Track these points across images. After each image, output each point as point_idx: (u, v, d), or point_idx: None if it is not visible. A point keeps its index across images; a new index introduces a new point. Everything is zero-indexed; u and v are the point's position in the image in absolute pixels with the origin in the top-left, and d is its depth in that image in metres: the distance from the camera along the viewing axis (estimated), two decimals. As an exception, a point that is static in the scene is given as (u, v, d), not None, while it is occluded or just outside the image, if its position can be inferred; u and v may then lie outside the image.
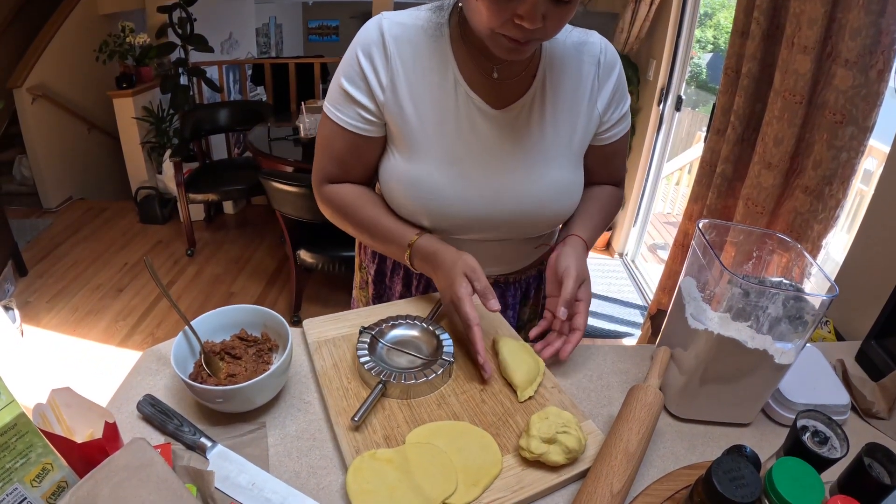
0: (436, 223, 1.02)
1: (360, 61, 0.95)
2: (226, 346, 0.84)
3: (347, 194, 1.05)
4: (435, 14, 0.97)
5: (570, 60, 1.00)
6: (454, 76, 0.96)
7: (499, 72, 0.96)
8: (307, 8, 9.04)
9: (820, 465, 0.65)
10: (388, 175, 1.01)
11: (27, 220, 4.29)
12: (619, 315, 3.42)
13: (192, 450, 0.72)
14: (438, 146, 0.97)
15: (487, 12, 0.79)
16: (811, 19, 1.80)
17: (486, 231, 1.04)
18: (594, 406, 0.89)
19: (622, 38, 3.51)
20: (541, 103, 0.99)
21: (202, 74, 4.40)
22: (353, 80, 0.96)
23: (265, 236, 4.20)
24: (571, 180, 1.04)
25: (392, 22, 0.95)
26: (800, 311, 0.79)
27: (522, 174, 0.99)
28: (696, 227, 0.86)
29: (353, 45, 0.96)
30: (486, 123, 0.97)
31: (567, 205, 1.05)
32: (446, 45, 0.96)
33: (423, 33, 0.96)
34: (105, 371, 2.79)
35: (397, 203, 1.03)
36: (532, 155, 1.00)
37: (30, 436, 0.57)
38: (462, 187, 0.98)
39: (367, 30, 0.96)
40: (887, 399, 0.96)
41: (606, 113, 1.04)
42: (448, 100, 0.96)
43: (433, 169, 0.97)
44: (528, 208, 1.02)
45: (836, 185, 1.86)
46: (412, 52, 0.95)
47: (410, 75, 0.95)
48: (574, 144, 1.03)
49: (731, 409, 0.87)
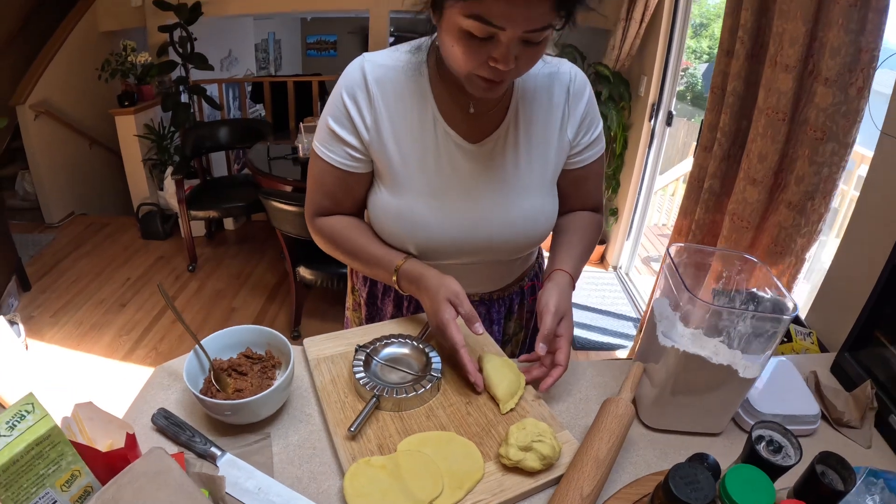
0: (421, 250, 1.08)
1: (345, 103, 1.01)
2: (233, 364, 0.91)
3: (337, 225, 1.11)
4: (414, 54, 1.02)
5: (540, 92, 1.06)
6: (433, 114, 1.01)
7: (475, 107, 1.02)
8: (305, 23, 9.08)
9: (774, 472, 0.71)
10: (376, 208, 1.08)
11: (30, 234, 4.34)
12: (612, 328, 3.47)
13: (203, 458, 0.79)
14: (420, 181, 1.03)
15: (463, 56, 0.84)
16: (792, 38, 1.85)
17: (469, 255, 1.10)
18: (572, 417, 0.95)
19: (614, 56, 3.56)
20: (514, 135, 1.05)
21: (202, 92, 4.47)
22: (340, 121, 1.02)
23: (265, 252, 4.26)
24: (545, 206, 1.10)
25: (374, 64, 1.00)
26: (764, 329, 0.85)
27: (499, 203, 1.05)
28: (667, 251, 0.93)
29: (338, 86, 1.02)
30: (463, 157, 1.03)
31: (541, 229, 1.11)
32: (425, 83, 1.01)
33: (403, 74, 1.01)
34: (110, 385, 2.84)
35: (386, 233, 1.09)
36: (507, 184, 1.05)
37: (61, 445, 0.64)
38: (443, 217, 1.04)
39: (350, 72, 1.01)
40: (859, 409, 1.01)
41: (576, 138, 1.09)
42: (428, 137, 1.02)
43: (416, 202, 1.03)
44: (505, 234, 1.08)
45: (818, 200, 1.90)
46: (393, 92, 1.00)
47: (392, 115, 1.01)
48: (547, 172, 1.08)
49: (701, 419, 0.93)
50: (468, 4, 0.77)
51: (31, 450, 0.61)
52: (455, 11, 0.80)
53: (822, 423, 0.99)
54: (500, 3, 0.76)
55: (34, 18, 5.08)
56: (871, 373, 1.07)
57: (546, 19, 0.79)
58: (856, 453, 0.95)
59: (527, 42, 0.82)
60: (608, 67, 3.53)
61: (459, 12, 0.79)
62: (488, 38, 0.81)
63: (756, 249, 2.18)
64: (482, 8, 0.76)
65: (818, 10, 1.79)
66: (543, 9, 0.77)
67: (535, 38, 0.81)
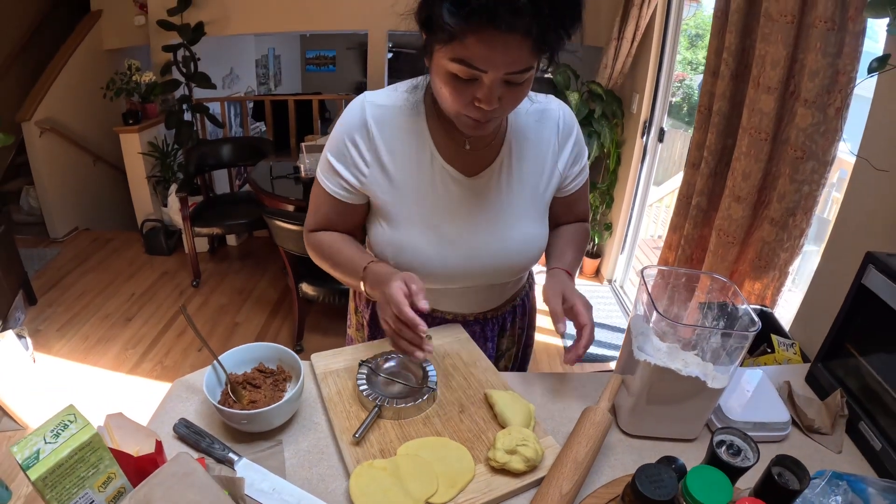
0: (421, 277, 1.14)
1: (345, 143, 1.08)
2: (247, 378, 0.99)
3: (326, 237, 1.17)
4: (411, 94, 1.09)
5: (532, 129, 1.13)
6: (430, 150, 1.08)
7: (470, 143, 1.08)
8: (305, 39, 9.17)
9: (734, 473, 0.79)
10: (376, 241, 1.15)
11: (34, 249, 4.39)
12: (608, 340, 3.52)
13: (221, 463, 0.88)
14: (418, 214, 1.10)
15: (451, 97, 0.91)
16: (774, 61, 1.92)
17: (466, 281, 1.17)
18: (556, 424, 1.03)
19: (606, 74, 3.63)
20: (508, 169, 1.12)
21: (205, 111, 4.54)
22: (339, 158, 1.09)
23: (267, 267, 4.31)
24: (536, 233, 1.17)
25: (373, 105, 1.07)
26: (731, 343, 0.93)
27: (493, 233, 1.12)
28: (641, 273, 1.02)
29: (340, 125, 1.09)
30: (459, 190, 1.10)
31: (533, 254, 1.18)
32: (423, 121, 1.08)
33: (401, 112, 1.07)
34: (119, 397, 2.89)
35: (385, 262, 1.15)
36: (501, 215, 1.12)
37: (100, 451, 0.72)
38: (441, 248, 1.10)
39: (351, 112, 1.08)
40: (830, 416, 1.07)
41: (567, 169, 1.18)
42: (425, 172, 1.08)
43: (414, 234, 1.10)
44: (499, 261, 1.15)
45: (799, 216, 1.97)
46: (392, 131, 1.07)
47: (391, 152, 1.07)
48: (538, 202, 1.16)
49: (675, 426, 1.01)
50: (452, 49, 0.84)
51: (75, 455, 0.69)
52: (442, 55, 0.87)
53: (795, 430, 1.06)
54: (481, 48, 0.82)
55: (39, 35, 5.17)
56: (843, 382, 1.13)
57: (526, 62, 0.85)
58: (826, 458, 1.01)
59: (509, 83, 0.88)
60: (601, 85, 3.62)
61: (445, 56, 0.86)
62: (472, 80, 0.87)
63: (741, 264, 2.25)
64: (465, 52, 0.83)
65: (798, 33, 1.87)
66: (522, 53, 0.83)
67: (516, 79, 0.88)
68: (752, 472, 0.79)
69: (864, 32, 1.70)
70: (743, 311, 0.97)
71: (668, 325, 0.96)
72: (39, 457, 0.68)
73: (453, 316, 1.27)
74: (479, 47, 0.82)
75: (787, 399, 1.12)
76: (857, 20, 1.69)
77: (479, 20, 0.79)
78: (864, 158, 1.56)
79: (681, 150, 5.39)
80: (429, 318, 1.28)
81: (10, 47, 4.99)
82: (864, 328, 1.13)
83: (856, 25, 1.70)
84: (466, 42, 0.82)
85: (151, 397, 2.86)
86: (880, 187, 1.52)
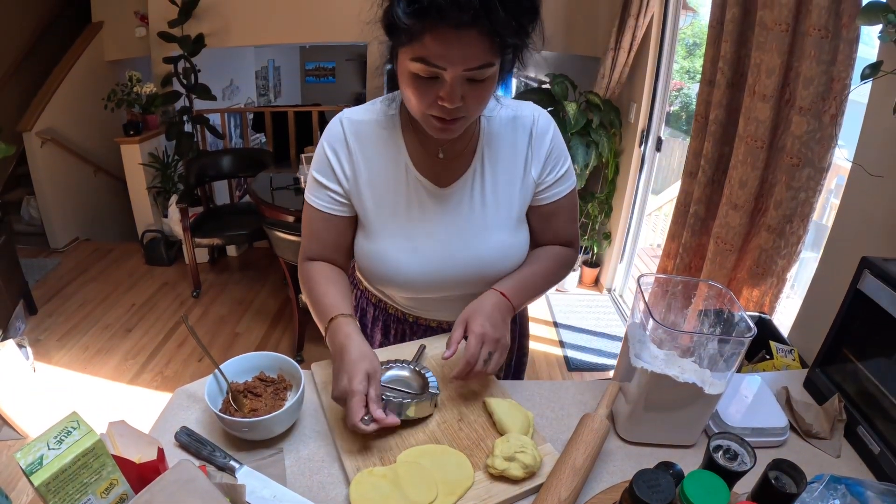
0: (400, 288, 1.17)
1: (327, 155, 1.10)
2: (248, 386, 1.00)
3: (316, 273, 1.15)
4: (388, 107, 1.11)
5: (504, 135, 1.13)
6: (405, 163, 1.10)
7: (444, 152, 1.09)
8: (304, 51, 9.23)
9: (731, 478, 0.80)
10: (358, 253, 1.17)
11: (35, 259, 4.40)
12: (607, 349, 3.51)
13: (223, 471, 0.88)
14: (394, 226, 1.12)
15: (415, 97, 0.92)
16: (769, 69, 1.94)
17: (444, 291, 1.18)
18: (555, 432, 1.04)
19: (604, 84, 3.64)
20: (481, 177, 1.12)
21: (206, 122, 4.55)
22: (323, 171, 1.11)
23: (267, 278, 4.32)
24: (511, 242, 1.16)
25: (350, 121, 1.10)
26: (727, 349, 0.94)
27: (467, 242, 1.13)
28: (637, 281, 1.03)
29: (322, 141, 1.12)
30: (432, 201, 1.11)
31: (511, 262, 1.17)
32: (398, 134, 1.10)
33: (378, 126, 1.10)
34: (120, 407, 2.89)
35: (367, 274, 1.18)
36: (475, 224, 1.13)
37: (103, 457, 0.73)
38: (417, 259, 1.12)
39: (331, 129, 1.11)
40: (828, 421, 1.08)
41: (541, 176, 1.15)
42: (400, 184, 1.11)
43: (390, 246, 1.12)
44: (474, 270, 1.15)
45: (796, 223, 1.98)
46: (370, 145, 1.10)
47: (369, 166, 1.10)
48: (513, 210, 1.15)
49: (673, 432, 1.01)
50: (412, 49, 0.87)
51: (78, 461, 0.70)
52: (404, 57, 0.89)
53: (793, 435, 1.07)
54: (437, 45, 0.84)
55: (41, 46, 5.20)
56: (840, 387, 1.14)
57: (484, 58, 0.86)
58: (825, 463, 1.02)
59: (471, 80, 0.89)
60: (598, 95, 3.63)
61: (407, 57, 0.89)
62: (434, 79, 0.89)
63: (740, 271, 2.26)
64: (423, 51, 0.85)
65: (792, 42, 1.89)
66: (480, 48, 0.85)
67: (477, 76, 0.88)
68: (750, 476, 0.80)
69: (857, 40, 1.72)
70: (739, 318, 0.98)
71: (665, 332, 0.97)
72: (43, 462, 0.69)
73: (437, 324, 1.29)
74: (435, 45, 0.84)
75: (785, 404, 1.13)
76: (850, 27, 1.71)
77: (431, 17, 0.81)
78: (859, 165, 1.57)
79: (679, 159, 5.38)
80: (413, 326, 1.29)
81: (12, 57, 5.02)
82: (861, 333, 1.14)
83: (849, 33, 1.72)
84: (424, 41, 0.84)
85: (152, 407, 2.86)
86: (875, 193, 1.54)
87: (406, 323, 1.29)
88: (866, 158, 1.57)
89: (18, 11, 5.03)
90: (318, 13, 4.33)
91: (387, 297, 1.29)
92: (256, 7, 4.33)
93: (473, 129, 1.12)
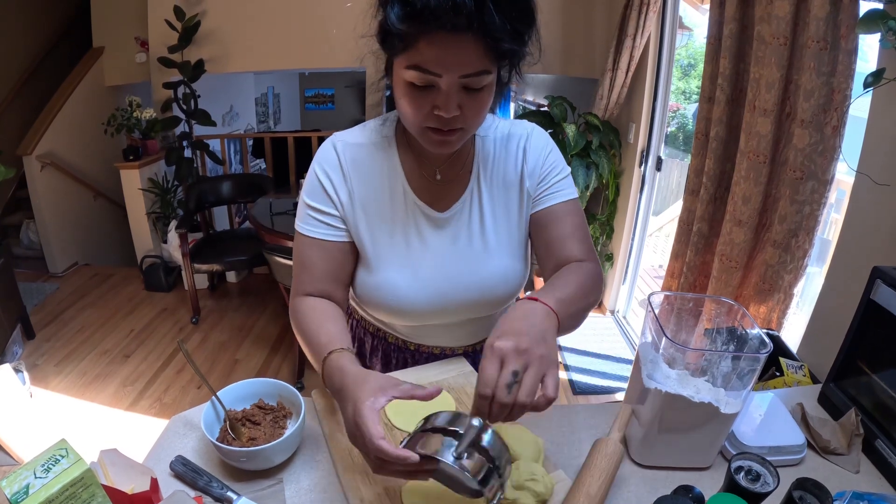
0: (401, 317, 1.13)
1: (320, 179, 1.05)
2: (247, 414, 0.97)
3: (306, 305, 1.05)
4: (382, 127, 1.08)
5: (498, 153, 1.10)
6: (402, 186, 1.06)
7: (441, 173, 1.07)
8: (304, 78, 9.27)
9: (754, 500, 0.77)
10: (357, 287, 1.11)
11: (33, 283, 4.39)
12: (611, 371, 3.48)
13: (220, 502, 0.85)
14: (392, 254, 1.07)
15: (410, 108, 0.89)
16: (769, 83, 1.93)
17: (446, 317, 1.14)
18: (566, 458, 1.00)
19: (602, 105, 3.64)
20: (479, 199, 1.09)
21: (205, 148, 4.53)
22: (316, 196, 1.05)
23: (267, 304, 4.29)
24: (512, 266, 1.12)
25: (345, 144, 1.05)
26: (743, 366, 0.91)
27: (467, 267, 1.09)
28: (648, 299, 1.00)
29: (313, 166, 1.06)
30: (431, 227, 1.08)
31: (511, 288, 1.13)
32: (394, 155, 1.07)
33: (373, 148, 1.06)
34: (118, 434, 2.85)
35: (369, 305, 1.13)
36: (474, 249, 1.10)
37: (93, 487, 0.70)
38: (416, 286, 1.08)
39: (324, 152, 1.06)
40: (846, 436, 1.06)
41: (537, 185, 1.10)
42: (398, 210, 1.07)
43: (389, 275, 1.07)
44: (475, 296, 1.11)
45: (801, 237, 1.97)
46: (366, 170, 1.05)
47: (365, 193, 1.05)
48: (513, 231, 1.12)
49: (689, 455, 0.98)
50: (407, 56, 0.84)
51: (66, 490, 0.67)
52: (399, 66, 0.87)
53: (810, 452, 1.04)
54: (432, 51, 0.81)
55: (41, 70, 5.24)
56: (856, 401, 1.12)
57: (480, 64, 0.84)
58: (844, 479, 0.99)
59: (468, 89, 0.86)
60: (597, 116, 3.63)
61: (402, 66, 0.86)
62: (430, 88, 0.86)
63: (746, 288, 2.24)
64: (418, 57, 0.83)
65: (791, 55, 1.89)
66: (476, 54, 0.82)
67: (473, 83, 0.85)
68: (773, 497, 0.77)
69: (856, 50, 1.71)
70: (753, 335, 0.96)
71: (678, 350, 0.94)
72: (29, 492, 0.66)
73: (440, 350, 1.25)
74: (430, 50, 0.82)
75: (801, 421, 1.11)
76: (848, 38, 1.70)
77: (426, 22, 0.79)
78: (865, 174, 1.55)
79: (677, 179, 5.41)
80: (416, 354, 1.25)
81: (13, 81, 5.06)
82: (874, 344, 1.12)
83: (848, 43, 1.72)
84: (418, 47, 0.82)
85: (149, 434, 2.81)
86: (882, 202, 1.52)
87: (407, 351, 1.25)
88: (871, 167, 1.55)
89: (20, 36, 5.08)
90: (317, 40, 4.35)
91: (386, 326, 1.25)
92: (256, 34, 4.36)
93: (468, 150, 1.09)
